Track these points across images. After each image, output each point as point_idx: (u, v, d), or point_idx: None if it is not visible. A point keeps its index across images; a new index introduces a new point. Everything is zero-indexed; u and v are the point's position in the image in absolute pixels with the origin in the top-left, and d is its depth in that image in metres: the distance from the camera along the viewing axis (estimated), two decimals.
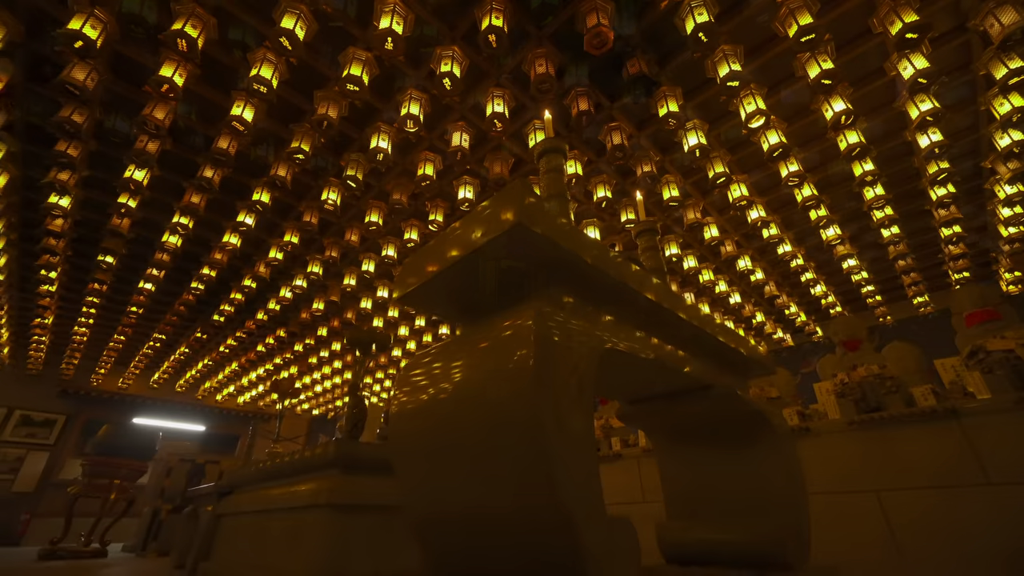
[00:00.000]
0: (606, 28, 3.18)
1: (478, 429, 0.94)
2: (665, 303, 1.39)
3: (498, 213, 0.91)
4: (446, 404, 1.00)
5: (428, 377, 1.09)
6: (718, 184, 4.51)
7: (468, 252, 0.97)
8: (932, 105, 3.77)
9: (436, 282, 1.04)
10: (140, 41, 3.77)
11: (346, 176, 4.53)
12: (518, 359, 0.88)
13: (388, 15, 3.27)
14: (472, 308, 1.14)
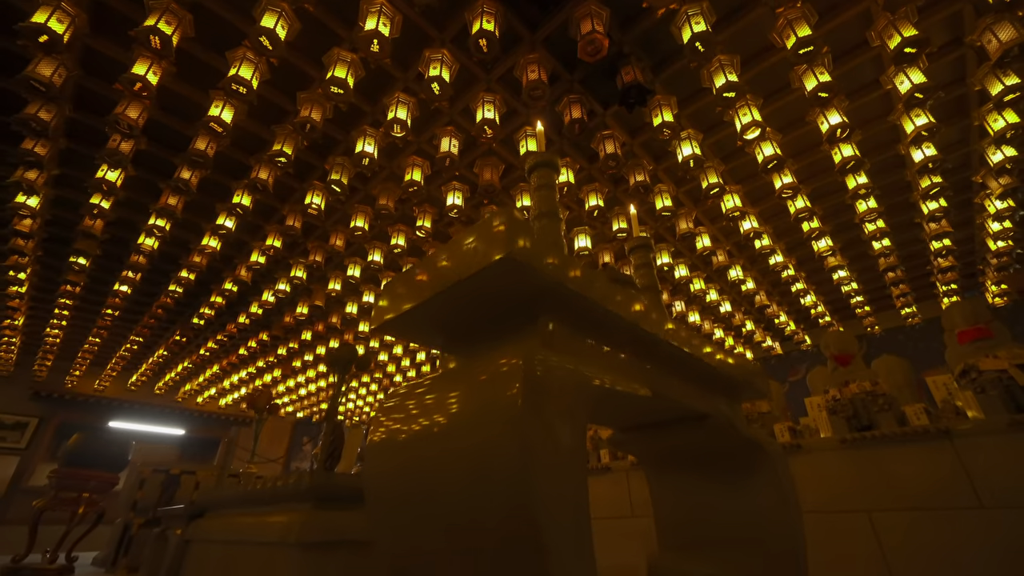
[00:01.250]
0: (600, 35, 3.08)
1: (459, 475, 0.85)
2: (665, 336, 1.32)
3: (486, 245, 0.83)
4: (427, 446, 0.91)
5: (407, 417, 1.00)
6: (711, 195, 4.43)
7: (452, 285, 0.88)
8: (927, 120, 3.73)
9: (417, 312, 0.96)
10: (113, 35, 3.59)
11: (331, 180, 4.37)
12: (505, 405, 0.79)
13: (374, 16, 3.13)
14: (456, 339, 1.06)
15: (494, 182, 4.45)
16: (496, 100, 3.84)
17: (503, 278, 0.84)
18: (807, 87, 3.48)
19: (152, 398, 11.12)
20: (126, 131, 3.75)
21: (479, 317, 0.99)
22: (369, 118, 4.33)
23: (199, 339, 8.59)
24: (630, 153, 4.65)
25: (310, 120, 3.73)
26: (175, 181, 4.40)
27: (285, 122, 4.35)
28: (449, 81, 3.47)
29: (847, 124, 3.72)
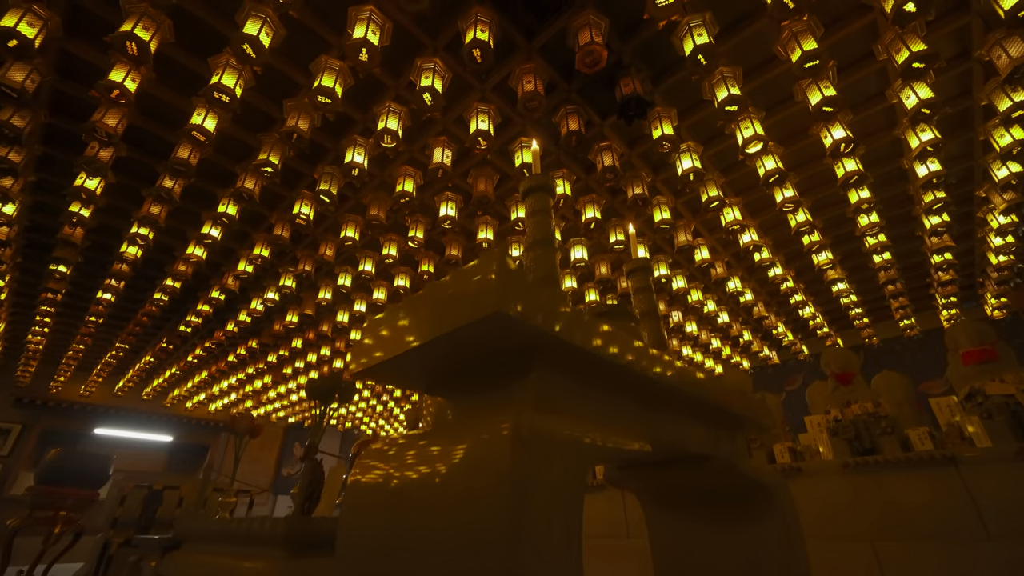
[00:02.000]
0: (599, 46, 2.96)
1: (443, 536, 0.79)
2: (666, 379, 1.26)
3: (474, 296, 0.76)
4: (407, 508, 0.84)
5: (386, 478, 0.93)
6: (711, 208, 4.32)
7: (437, 338, 0.81)
8: (933, 135, 3.63)
9: (398, 361, 0.90)
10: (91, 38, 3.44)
11: (319, 191, 4.22)
12: (492, 478, 0.72)
13: (363, 24, 2.99)
14: (441, 385, 1.01)
15: (488, 193, 4.32)
16: (491, 110, 3.71)
17: (492, 333, 0.79)
18: (811, 101, 3.37)
19: (139, 404, 10.90)
20: (104, 139, 3.59)
21: (466, 367, 0.94)
22: (360, 126, 4.19)
23: (187, 346, 8.41)
24: (628, 164, 4.53)
25: (296, 130, 3.59)
26: (157, 190, 4.24)
27: (272, 130, 4.20)
28: (442, 91, 3.33)
29: (851, 139, 3.61)
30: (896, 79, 3.51)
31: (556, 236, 1.57)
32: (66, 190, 4.26)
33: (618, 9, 3.31)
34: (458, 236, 5.38)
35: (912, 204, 5.15)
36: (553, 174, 4.40)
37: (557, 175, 4.39)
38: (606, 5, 3.32)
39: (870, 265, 5.84)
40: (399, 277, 5.91)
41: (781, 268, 5.62)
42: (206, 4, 3.29)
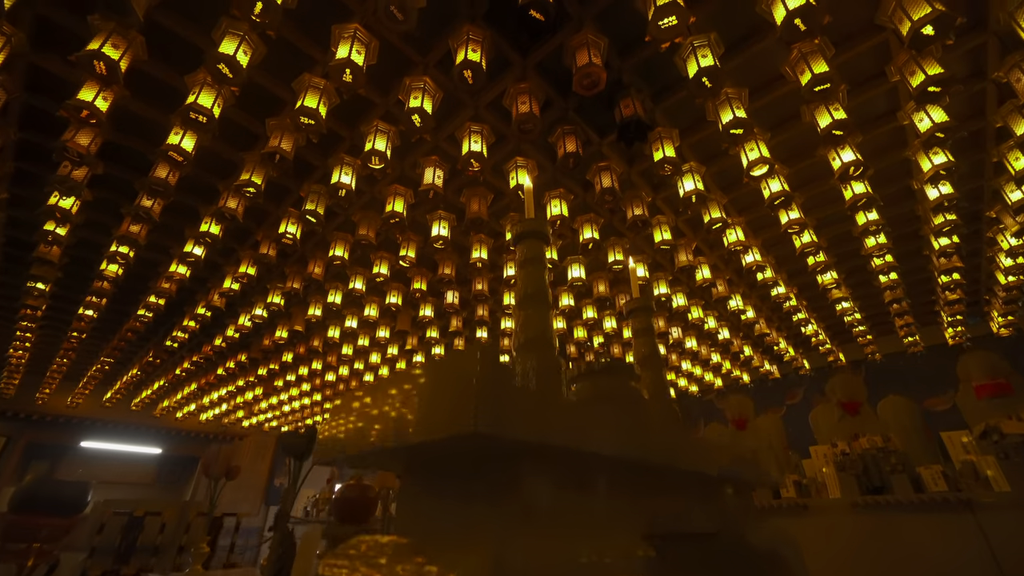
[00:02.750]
0: (598, 68, 2.79)
1: None
2: (670, 461, 1.18)
3: (448, 406, 0.72)
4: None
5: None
6: (714, 229, 4.16)
7: (402, 446, 0.78)
8: (946, 159, 3.47)
9: (363, 456, 0.89)
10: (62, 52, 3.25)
11: (306, 211, 4.04)
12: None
13: (347, 42, 2.81)
14: (415, 477, 0.96)
15: (482, 214, 4.15)
16: (484, 130, 3.54)
17: (469, 446, 0.75)
18: (820, 124, 3.21)
19: (128, 415, 10.68)
20: (76, 159, 3.40)
21: (443, 467, 0.89)
22: (347, 143, 4.01)
23: (174, 359, 8.21)
24: (627, 182, 4.36)
25: (279, 151, 3.41)
26: (135, 208, 4.05)
27: (255, 148, 4.02)
28: (432, 112, 3.16)
29: (861, 162, 3.45)
30: (908, 101, 3.35)
31: (549, 292, 1.43)
32: (39, 208, 4.07)
33: (618, 25, 3.15)
34: (451, 254, 5.21)
35: (919, 222, 5.01)
36: (549, 194, 4.23)
37: (554, 195, 4.22)
38: (605, 21, 3.16)
39: (875, 283, 5.70)
40: (391, 294, 5.73)
41: (784, 287, 5.46)
42: (182, 17, 3.11)
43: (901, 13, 2.63)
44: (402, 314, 6.36)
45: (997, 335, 6.75)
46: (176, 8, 3.02)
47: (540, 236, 1.81)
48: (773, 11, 2.61)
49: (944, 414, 7.30)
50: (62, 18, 3.07)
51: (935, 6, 2.49)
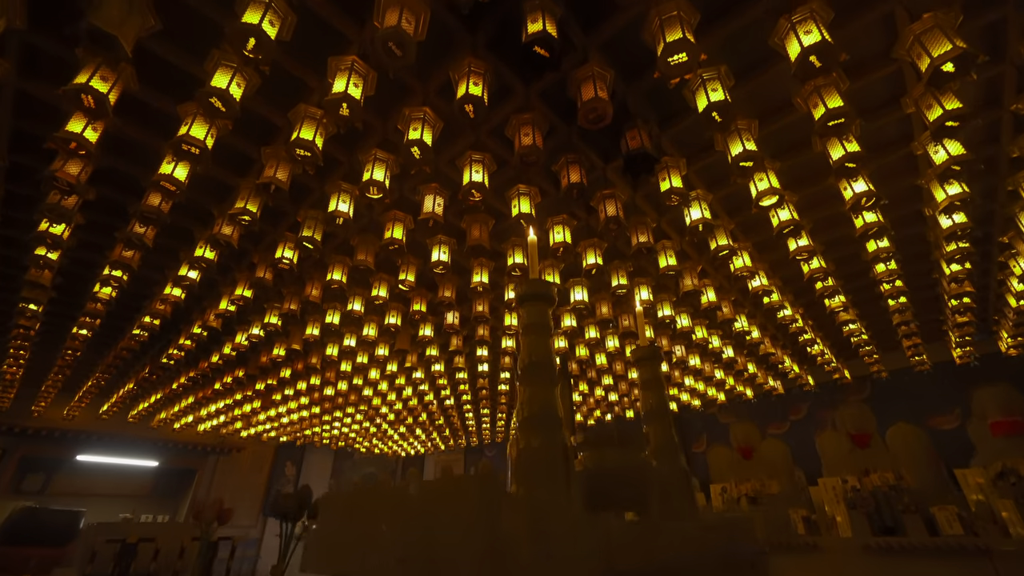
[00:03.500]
0: (605, 103, 2.69)
1: None
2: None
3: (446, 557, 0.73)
4: None
5: None
6: (721, 256, 4.06)
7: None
8: (961, 190, 3.38)
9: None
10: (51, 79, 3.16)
11: (302, 237, 3.95)
12: None
13: (344, 75, 2.71)
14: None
15: (483, 241, 4.05)
16: (485, 159, 3.44)
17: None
18: (832, 155, 3.11)
19: (125, 427, 10.55)
20: (66, 189, 3.30)
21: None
22: (345, 167, 3.92)
23: (171, 375, 8.11)
24: (632, 206, 4.26)
25: (275, 180, 3.31)
26: (128, 234, 3.95)
27: (250, 173, 3.93)
28: (432, 144, 3.06)
29: (874, 193, 3.35)
30: (923, 131, 3.25)
31: (555, 362, 1.34)
32: (30, 234, 3.98)
33: (624, 51, 3.06)
34: (451, 276, 5.11)
35: (928, 242, 4.90)
36: (552, 219, 4.13)
37: (556, 220, 4.12)
38: (610, 48, 3.06)
39: (882, 303, 5.60)
40: (390, 315, 5.63)
41: (790, 309, 5.36)
42: (175, 45, 3.01)
43: (920, 48, 2.54)
44: (401, 333, 6.26)
45: (1006, 355, 6.65)
46: (168, 37, 2.92)
47: (545, 298, 1.71)
48: (787, 46, 2.51)
49: (951, 433, 7.20)
50: (50, 46, 2.98)
51: (956, 43, 2.39)
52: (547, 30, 2.36)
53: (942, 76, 2.47)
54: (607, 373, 7.60)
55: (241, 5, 2.40)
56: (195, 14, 2.78)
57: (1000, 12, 2.79)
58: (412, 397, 9.08)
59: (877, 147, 3.79)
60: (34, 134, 3.62)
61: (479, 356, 6.67)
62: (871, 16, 2.77)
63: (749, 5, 2.73)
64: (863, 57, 3.12)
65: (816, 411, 8.73)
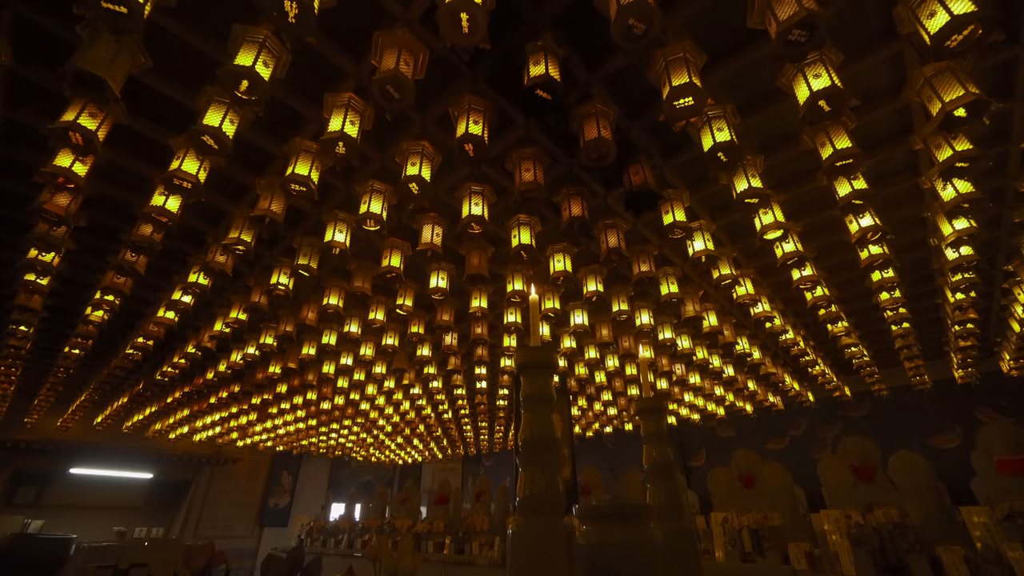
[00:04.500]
0: (608, 142, 2.63)
1: None
2: None
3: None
4: None
5: None
6: (723, 285, 4.00)
7: None
8: (969, 225, 3.32)
9: None
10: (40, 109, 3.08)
11: (298, 264, 3.87)
12: None
13: (340, 112, 2.64)
14: None
15: (482, 270, 3.98)
16: (485, 191, 3.37)
17: None
18: (839, 192, 3.06)
19: (119, 438, 10.45)
20: (54, 220, 3.22)
21: None
22: (342, 193, 3.85)
23: (165, 390, 8.02)
24: (634, 232, 4.20)
25: (269, 213, 3.23)
26: (119, 261, 3.87)
27: (244, 199, 3.85)
28: (430, 179, 2.99)
29: (880, 227, 3.30)
30: (931, 167, 3.20)
31: (558, 440, 1.28)
32: (17, 263, 3.90)
33: (628, 85, 3.00)
34: (450, 299, 5.03)
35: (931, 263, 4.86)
36: (553, 247, 4.07)
37: (557, 248, 4.06)
38: (614, 82, 3.00)
39: (884, 325, 5.55)
40: (388, 335, 5.56)
41: (792, 332, 5.31)
42: (168, 77, 2.94)
43: (931, 92, 2.48)
44: (399, 352, 6.19)
45: (1007, 375, 6.62)
46: (161, 70, 2.84)
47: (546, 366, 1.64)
48: (795, 88, 2.45)
49: (951, 452, 7.16)
50: (38, 77, 2.90)
51: (968, 88, 2.33)
52: (549, 73, 2.30)
53: (954, 121, 2.41)
54: (606, 389, 7.54)
55: (234, 45, 2.33)
56: (188, 47, 2.70)
57: (1011, 51, 2.73)
58: (410, 411, 9.00)
59: (882, 177, 3.74)
60: (24, 161, 3.55)
61: (478, 374, 6.60)
62: (879, 56, 2.72)
63: (756, 44, 2.66)
64: (870, 92, 3.07)
65: (816, 427, 8.69)
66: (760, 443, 9.18)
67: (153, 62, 2.60)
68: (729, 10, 2.52)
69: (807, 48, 2.04)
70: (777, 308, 5.12)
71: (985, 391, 7.07)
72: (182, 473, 10.94)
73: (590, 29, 2.66)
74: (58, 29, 2.60)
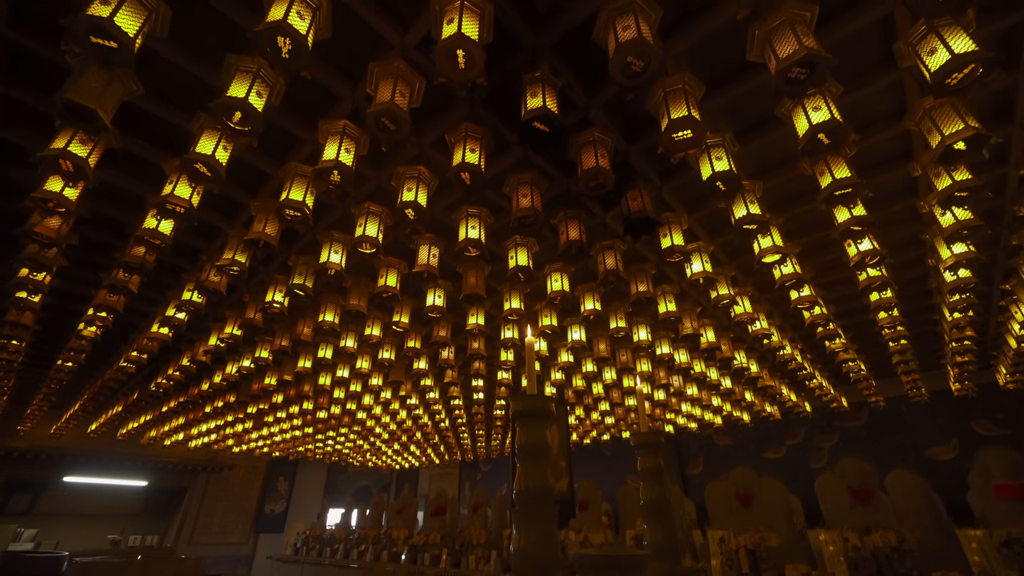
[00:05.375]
0: (606, 171, 2.60)
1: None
2: None
3: None
4: None
5: None
6: (721, 306, 3.98)
7: None
8: (967, 249, 3.31)
9: None
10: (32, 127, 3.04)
11: (293, 284, 3.83)
12: None
13: (335, 141, 2.61)
14: None
15: (479, 290, 3.95)
16: (482, 213, 3.34)
17: None
18: (837, 219, 3.04)
19: (114, 445, 10.37)
20: (45, 242, 3.18)
21: None
22: (338, 212, 3.81)
23: (160, 399, 7.96)
24: (632, 251, 4.18)
25: (264, 236, 3.20)
26: (112, 280, 3.83)
27: (239, 217, 3.82)
28: (426, 203, 2.96)
29: (878, 251, 3.28)
30: (929, 192, 3.19)
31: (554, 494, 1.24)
32: (11, 280, 3.85)
33: (627, 110, 2.97)
34: (446, 314, 5.00)
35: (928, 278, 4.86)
36: (550, 266, 4.04)
37: (555, 267, 4.03)
38: (613, 107, 2.98)
39: (881, 340, 5.55)
40: (384, 350, 5.52)
41: (789, 348, 5.30)
42: (164, 101, 2.90)
43: (930, 123, 2.46)
44: (396, 365, 6.15)
45: (1004, 388, 6.63)
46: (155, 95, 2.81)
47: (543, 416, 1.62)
48: (794, 120, 2.43)
49: (948, 464, 7.17)
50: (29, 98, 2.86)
51: (968, 122, 2.32)
52: (547, 106, 2.27)
53: (953, 154, 2.39)
54: (604, 400, 7.52)
55: (228, 74, 2.29)
56: (182, 71, 2.66)
57: (1011, 79, 2.72)
58: (407, 420, 8.97)
59: (881, 198, 3.72)
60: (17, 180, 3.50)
61: (475, 386, 6.57)
62: (879, 85, 2.70)
63: (755, 71, 2.64)
64: (870, 117, 3.05)
65: (813, 436, 8.70)
66: (758, 452, 9.18)
67: (146, 86, 2.56)
68: (728, 39, 2.49)
69: (807, 85, 2.02)
70: (775, 324, 5.11)
71: (982, 403, 7.08)
72: (177, 480, 10.88)
73: (589, 53, 2.63)
74: (48, 53, 2.56)
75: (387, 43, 2.51)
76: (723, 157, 2.64)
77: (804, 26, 2.04)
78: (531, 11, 2.43)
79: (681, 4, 2.38)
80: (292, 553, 9.31)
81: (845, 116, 2.57)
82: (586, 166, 2.65)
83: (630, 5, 2.01)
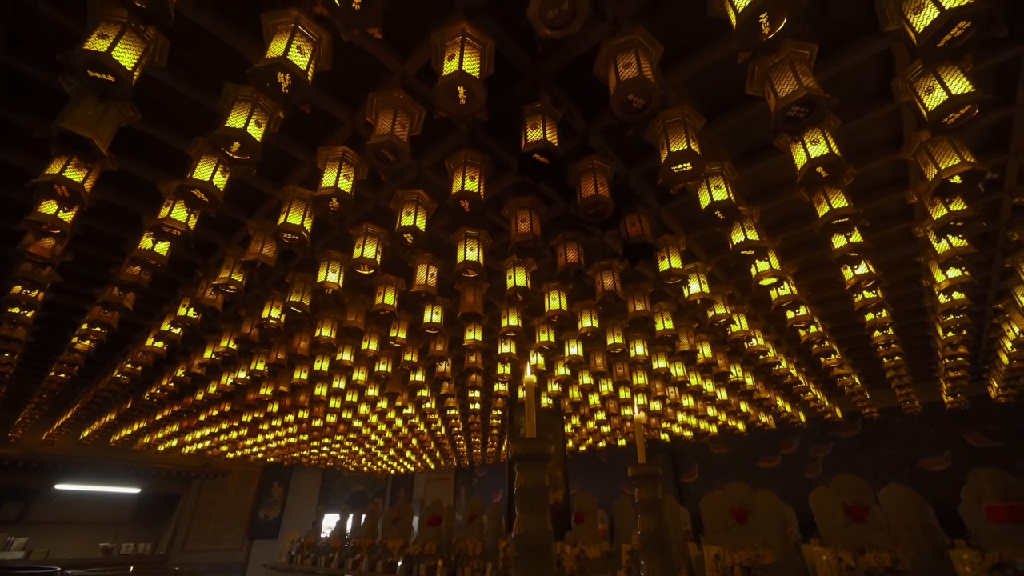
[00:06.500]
0: (606, 200, 2.61)
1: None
2: None
3: None
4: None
5: None
6: (718, 324, 4.00)
7: None
8: (961, 274, 3.34)
9: None
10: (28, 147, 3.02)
11: (290, 302, 3.82)
12: None
13: (334, 167, 2.60)
14: None
15: (477, 308, 3.94)
16: (480, 235, 3.34)
17: None
18: (834, 246, 3.06)
19: (107, 451, 10.28)
20: (39, 262, 3.15)
21: None
22: (335, 231, 3.80)
23: (154, 408, 7.90)
24: (629, 271, 4.19)
25: (261, 257, 3.18)
26: (106, 298, 3.80)
27: (236, 234, 3.80)
28: (425, 227, 2.95)
29: (874, 275, 3.31)
30: (925, 218, 3.21)
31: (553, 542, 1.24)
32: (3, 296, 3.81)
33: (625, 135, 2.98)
34: (444, 328, 5.00)
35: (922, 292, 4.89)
36: (548, 285, 4.05)
37: (552, 286, 4.04)
38: (613, 132, 2.98)
39: (875, 355, 5.59)
40: (381, 363, 5.51)
41: (785, 362, 5.33)
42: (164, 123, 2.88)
43: (927, 156, 2.48)
44: (392, 377, 6.14)
45: (996, 400, 6.69)
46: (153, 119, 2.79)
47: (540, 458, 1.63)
48: (793, 154, 2.44)
49: (940, 475, 7.23)
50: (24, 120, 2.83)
51: (964, 157, 2.34)
52: (547, 139, 2.27)
53: (949, 187, 2.41)
54: (600, 410, 7.53)
55: (226, 103, 2.28)
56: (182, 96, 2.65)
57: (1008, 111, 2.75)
58: (403, 428, 8.95)
59: (876, 221, 3.75)
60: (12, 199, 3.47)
61: (471, 397, 6.57)
62: (876, 114, 2.72)
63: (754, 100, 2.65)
64: (867, 144, 3.07)
65: (807, 445, 8.75)
66: (753, 460, 9.22)
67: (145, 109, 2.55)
68: (728, 68, 2.50)
69: (806, 124, 2.03)
70: (771, 339, 5.14)
71: (974, 415, 7.15)
72: (170, 487, 10.80)
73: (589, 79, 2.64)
74: (45, 77, 2.54)
75: (387, 70, 2.51)
76: (722, 186, 2.65)
77: (804, 64, 2.06)
78: (532, 43, 2.44)
79: (681, 37, 2.39)
80: (287, 561, 9.25)
81: (842, 143, 2.60)
82: (585, 194, 2.65)
83: (631, 43, 2.02)
